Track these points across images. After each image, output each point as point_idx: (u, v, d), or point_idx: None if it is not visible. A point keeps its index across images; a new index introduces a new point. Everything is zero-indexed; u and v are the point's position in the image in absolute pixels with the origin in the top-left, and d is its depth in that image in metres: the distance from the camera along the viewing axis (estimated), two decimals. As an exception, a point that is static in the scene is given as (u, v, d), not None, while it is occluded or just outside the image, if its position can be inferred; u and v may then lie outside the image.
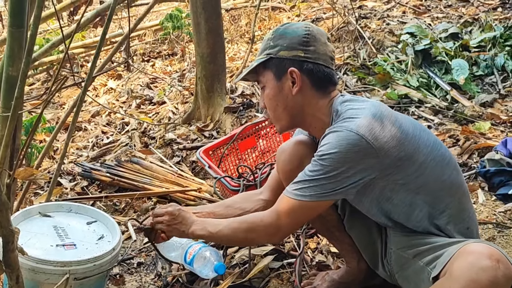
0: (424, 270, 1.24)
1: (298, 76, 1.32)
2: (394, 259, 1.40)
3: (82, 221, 1.65)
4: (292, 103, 1.35)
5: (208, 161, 2.12)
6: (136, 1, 4.75)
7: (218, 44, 3.05)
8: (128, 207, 2.35)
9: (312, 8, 4.60)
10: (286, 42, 1.34)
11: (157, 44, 5.17)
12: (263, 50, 1.38)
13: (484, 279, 1.04)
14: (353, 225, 1.51)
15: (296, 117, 1.38)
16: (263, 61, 1.36)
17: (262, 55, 1.37)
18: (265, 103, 1.41)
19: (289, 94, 1.34)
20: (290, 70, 1.32)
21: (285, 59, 1.33)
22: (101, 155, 3.08)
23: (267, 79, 1.37)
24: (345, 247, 1.57)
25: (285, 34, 1.35)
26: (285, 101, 1.36)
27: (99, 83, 4.55)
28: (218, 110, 3.04)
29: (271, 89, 1.37)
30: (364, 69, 3.26)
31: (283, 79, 1.34)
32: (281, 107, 1.37)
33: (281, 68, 1.34)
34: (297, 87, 1.33)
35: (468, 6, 4.05)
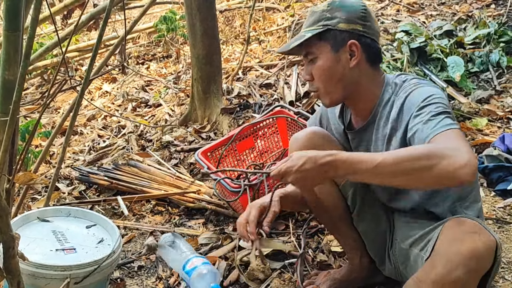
0: (419, 256, 1.28)
1: (359, 49, 1.32)
2: (399, 250, 1.42)
3: (81, 225, 1.64)
4: (348, 75, 1.34)
5: (206, 162, 2.11)
6: (129, 4, 4.74)
7: (213, 46, 3.05)
8: (127, 210, 2.34)
9: (306, 8, 4.60)
10: (345, 15, 1.32)
11: (151, 46, 5.16)
12: (317, 21, 1.34)
13: (465, 249, 1.07)
14: (363, 219, 1.50)
15: (348, 89, 1.36)
16: (318, 32, 1.33)
17: (317, 26, 1.34)
18: (314, 74, 1.35)
19: (346, 66, 1.33)
20: (351, 42, 1.32)
21: (344, 31, 1.32)
22: (98, 159, 3.07)
23: (322, 50, 1.33)
24: (349, 243, 1.57)
25: (343, 7, 1.33)
26: (341, 73, 1.34)
27: (94, 86, 4.53)
28: (215, 111, 3.03)
29: (326, 60, 1.33)
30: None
31: (341, 51, 1.33)
32: (336, 79, 1.34)
33: (340, 40, 1.32)
34: (356, 59, 1.33)
35: (462, 3, 4.06)
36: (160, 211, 2.33)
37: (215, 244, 1.97)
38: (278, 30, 4.46)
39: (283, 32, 4.38)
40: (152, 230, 2.14)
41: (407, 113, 1.26)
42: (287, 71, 3.44)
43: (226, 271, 1.78)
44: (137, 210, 2.33)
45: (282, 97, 3.08)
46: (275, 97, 3.18)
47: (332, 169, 1.13)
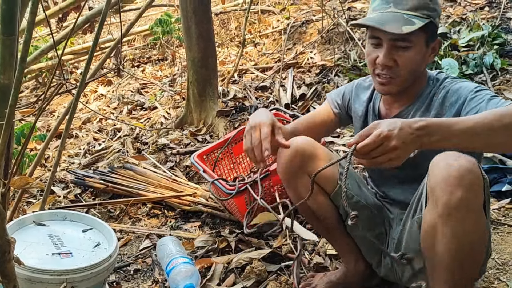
0: (414, 223, 1.28)
1: (440, 46, 1.33)
2: (393, 244, 1.42)
3: (78, 229, 1.64)
4: (423, 69, 1.35)
5: (202, 165, 2.11)
6: (125, 6, 4.74)
7: (209, 48, 3.05)
8: (123, 213, 2.34)
9: (301, 10, 4.62)
10: (439, 9, 1.30)
11: (147, 49, 5.16)
12: (420, 7, 1.27)
13: (453, 170, 1.07)
14: (356, 226, 1.43)
15: (414, 80, 1.35)
16: None
17: (421, 14, 1.26)
18: (401, 63, 1.29)
19: (427, 61, 1.33)
20: (438, 40, 1.32)
21: (436, 27, 1.31)
22: (93, 162, 3.06)
23: (419, 41, 1.28)
24: (343, 248, 1.57)
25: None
26: (421, 66, 1.33)
27: (90, 89, 4.52)
28: (211, 114, 3.03)
29: (419, 52, 1.29)
30: (355, 70, 3.28)
31: (430, 45, 1.31)
32: (418, 71, 1.33)
33: (433, 35, 1.31)
34: (434, 55, 1.34)
35: (456, 6, 4.09)
36: (156, 214, 2.33)
37: (211, 247, 1.97)
38: (273, 32, 4.48)
39: (278, 34, 4.39)
40: (148, 233, 2.14)
41: (456, 99, 1.27)
42: (282, 74, 3.45)
43: (222, 275, 1.78)
44: (133, 213, 2.33)
45: (277, 100, 3.09)
46: (270, 99, 3.19)
47: (427, 134, 1.05)
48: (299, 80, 3.36)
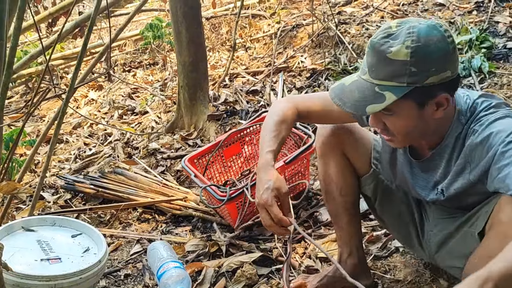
0: (467, 234, 1.26)
1: (449, 101, 1.14)
2: (434, 240, 1.43)
3: (67, 234, 1.63)
4: (432, 125, 1.19)
5: (193, 169, 2.11)
6: (115, 11, 4.74)
7: (199, 53, 3.06)
8: (113, 218, 2.33)
9: (292, 15, 4.64)
10: (434, 65, 1.09)
11: (137, 54, 5.15)
12: (398, 75, 1.09)
13: None
14: (385, 210, 1.54)
15: (425, 134, 1.23)
16: None
17: (398, 83, 1.10)
18: (390, 127, 1.18)
19: (431, 118, 1.16)
20: (442, 96, 1.12)
21: (434, 85, 1.10)
22: (84, 167, 3.05)
23: (404, 108, 1.13)
24: (343, 236, 1.57)
25: (430, 55, 1.08)
26: (424, 127, 1.18)
27: (80, 94, 4.50)
28: (202, 118, 3.03)
29: (408, 118, 1.15)
30: (345, 74, 3.29)
31: (427, 105, 1.14)
32: (417, 132, 1.20)
33: (427, 96, 1.12)
34: (443, 110, 1.15)
35: (444, 10, 4.13)
36: (147, 218, 2.32)
37: (202, 251, 1.97)
38: (264, 37, 4.49)
39: (269, 39, 4.40)
40: (138, 238, 2.14)
41: (487, 150, 1.11)
42: (273, 78, 3.46)
43: (213, 278, 1.78)
44: (124, 218, 2.32)
45: (268, 104, 3.10)
46: (261, 103, 3.19)
47: None
48: (290, 84, 3.37)
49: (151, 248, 1.87)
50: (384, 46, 1.10)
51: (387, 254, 1.79)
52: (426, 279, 1.63)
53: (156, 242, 1.94)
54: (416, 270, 1.68)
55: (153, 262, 1.79)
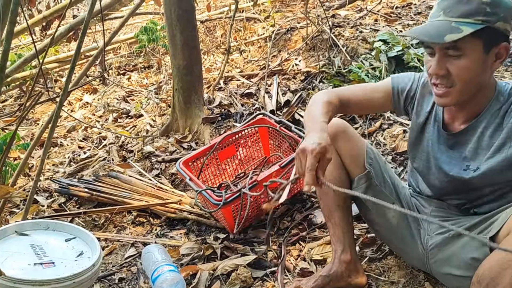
0: (474, 240, 1.32)
1: (507, 52, 1.23)
2: (432, 244, 1.48)
3: (60, 238, 1.62)
4: (486, 77, 1.26)
5: (188, 173, 2.11)
6: (110, 14, 4.73)
7: (194, 56, 3.06)
8: (108, 222, 2.32)
9: (286, 18, 4.65)
10: (504, 12, 1.20)
11: (132, 57, 5.15)
12: (474, 13, 1.19)
13: None
14: (377, 213, 1.59)
15: (477, 91, 1.28)
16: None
17: (474, 20, 1.18)
18: (454, 72, 1.23)
19: (489, 69, 1.25)
20: (504, 45, 1.22)
21: (500, 31, 1.21)
22: (78, 171, 3.03)
23: (473, 48, 1.20)
24: (337, 232, 1.61)
25: (501, 2, 1.20)
26: (483, 76, 1.25)
27: (75, 97, 4.49)
28: (196, 121, 3.03)
29: (475, 61, 1.21)
30: (339, 77, 3.31)
31: (491, 52, 1.22)
32: (477, 81, 1.25)
33: (494, 41, 1.22)
34: (500, 62, 1.24)
35: (437, 13, 4.16)
36: (142, 222, 2.32)
37: (197, 254, 1.96)
38: (259, 40, 4.50)
39: (263, 42, 4.41)
40: (133, 241, 2.13)
41: None
42: (268, 81, 3.46)
43: (208, 282, 1.78)
44: (118, 221, 2.31)
45: (263, 107, 3.10)
46: (256, 106, 3.20)
47: None
48: (285, 86, 3.38)
49: (145, 252, 1.88)
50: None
51: (381, 256, 1.79)
52: (420, 281, 1.64)
53: (151, 245, 1.94)
54: (410, 271, 1.69)
55: (147, 265, 1.79)
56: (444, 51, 1.23)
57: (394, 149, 2.49)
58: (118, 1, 3.18)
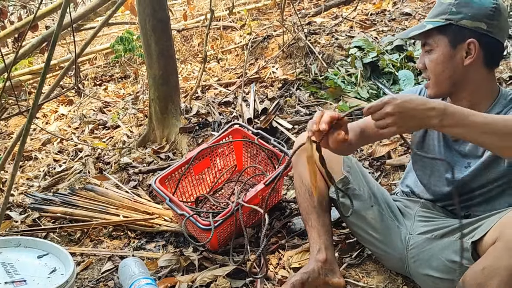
0: (455, 243, 1.35)
1: (477, 49, 1.32)
2: (414, 244, 1.50)
3: (32, 255, 1.58)
4: (459, 73, 1.35)
5: (167, 192, 2.03)
6: (85, 25, 4.68)
7: (170, 66, 3.04)
8: (84, 236, 2.27)
9: (263, 26, 4.68)
10: (472, 11, 1.31)
11: (109, 67, 5.09)
12: (441, 13, 1.35)
13: None
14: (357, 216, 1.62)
15: (457, 87, 1.37)
16: (439, 26, 1.33)
17: (439, 19, 1.34)
18: (427, 65, 1.38)
19: (460, 64, 1.34)
20: (470, 41, 1.31)
21: (466, 28, 1.31)
22: (53, 184, 2.97)
23: (439, 44, 1.35)
24: (313, 234, 1.64)
25: (471, 2, 1.31)
26: (453, 70, 1.35)
27: (49, 109, 4.41)
28: (173, 131, 3.01)
29: (441, 55, 1.35)
30: (316, 84, 3.33)
31: (458, 47, 1.33)
32: (447, 74, 1.36)
33: (460, 37, 1.32)
34: (471, 59, 1.33)
35: (411, 19, 4.24)
36: (119, 235, 2.27)
37: (175, 266, 1.94)
38: (236, 48, 4.51)
39: (241, 50, 4.43)
40: (110, 255, 2.09)
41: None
42: (245, 89, 3.47)
43: (186, 294, 1.75)
44: (95, 235, 2.27)
45: (241, 115, 3.10)
46: (234, 114, 3.19)
47: (439, 116, 1.12)
48: (262, 94, 3.39)
49: (122, 265, 1.84)
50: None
51: (360, 262, 1.80)
52: (398, 285, 1.65)
53: (128, 258, 1.90)
54: (389, 276, 1.70)
55: (124, 279, 1.76)
56: (423, 48, 1.40)
57: (371, 154, 2.51)
58: (90, 12, 3.14)
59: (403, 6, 4.59)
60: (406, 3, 4.67)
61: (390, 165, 2.39)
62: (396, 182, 2.28)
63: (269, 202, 2.17)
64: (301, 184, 1.69)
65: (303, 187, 1.68)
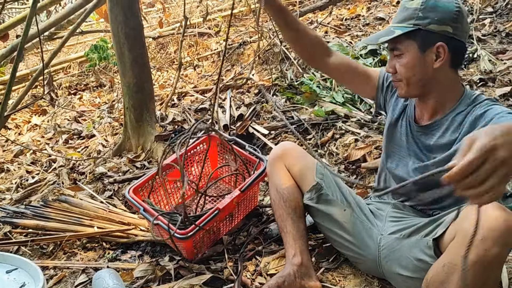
0: (421, 242, 1.36)
1: (445, 52, 1.35)
2: (385, 244, 1.52)
3: (1, 270, 1.53)
4: (429, 76, 1.39)
5: (141, 202, 1.99)
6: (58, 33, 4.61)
7: (144, 74, 3.01)
8: (57, 249, 2.22)
9: (239, 32, 4.68)
10: (438, 15, 1.34)
11: (83, 76, 5.03)
12: (408, 18, 1.37)
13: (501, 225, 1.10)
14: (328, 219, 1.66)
15: (427, 88, 1.42)
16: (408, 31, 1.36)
17: (407, 24, 1.37)
18: (397, 69, 1.42)
19: (430, 67, 1.38)
20: (439, 45, 1.35)
21: (433, 32, 1.34)
22: (26, 197, 2.90)
23: (409, 49, 1.38)
24: (288, 239, 1.67)
25: (436, 7, 1.34)
26: (423, 73, 1.39)
27: (22, 120, 4.32)
28: (149, 139, 2.98)
29: (411, 59, 1.38)
30: (291, 89, 3.34)
31: (427, 51, 1.36)
32: (418, 78, 1.39)
33: (428, 41, 1.35)
34: (440, 62, 1.36)
35: (384, 24, 4.30)
36: (93, 246, 2.23)
37: (151, 276, 1.90)
38: (212, 55, 4.50)
39: (217, 56, 4.42)
40: (84, 267, 2.04)
41: (486, 121, 1.31)
42: (221, 95, 3.46)
43: (162, 304, 1.73)
44: (68, 247, 2.22)
45: (217, 121, 3.09)
46: (210, 121, 3.18)
47: None
48: (239, 100, 3.39)
49: (96, 278, 1.80)
50: (407, 1, 1.40)
51: (336, 266, 1.80)
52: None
53: (102, 270, 1.86)
54: (365, 279, 1.70)
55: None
56: (392, 52, 1.43)
57: (346, 158, 2.53)
58: (61, 20, 3.09)
59: (377, 11, 4.66)
60: (379, 8, 4.75)
61: (366, 168, 2.41)
62: (372, 185, 2.30)
63: (246, 208, 2.16)
64: (276, 192, 1.72)
65: (277, 195, 1.71)
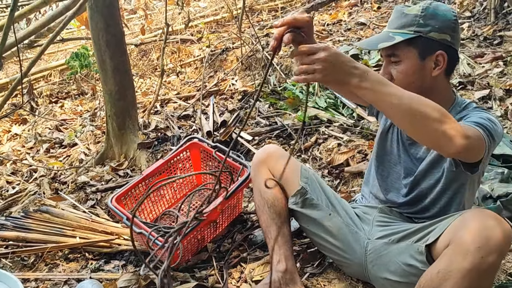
0: (411, 247, 1.37)
1: (445, 60, 1.35)
2: (372, 248, 1.52)
3: (-21, 285, 1.50)
4: (427, 83, 1.38)
5: (123, 211, 1.97)
6: (39, 41, 4.55)
7: (126, 81, 2.99)
8: (38, 260, 2.18)
9: (221, 39, 4.69)
10: (438, 23, 1.34)
11: (64, 84, 4.97)
12: (408, 25, 1.36)
13: (498, 234, 1.12)
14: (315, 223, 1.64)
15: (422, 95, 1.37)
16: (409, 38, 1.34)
17: (407, 30, 1.35)
18: (395, 76, 1.39)
19: (428, 75, 1.37)
20: (439, 53, 1.35)
21: (434, 40, 1.34)
22: (6, 208, 2.85)
23: (408, 56, 1.36)
24: (273, 245, 1.64)
25: (436, 15, 1.34)
26: (421, 80, 1.37)
27: (2, 129, 4.24)
28: (132, 147, 2.95)
29: (410, 67, 1.36)
30: (274, 95, 3.35)
31: (427, 59, 1.35)
32: (416, 85, 1.36)
33: (429, 49, 1.35)
34: (439, 70, 1.36)
35: (366, 29, 4.35)
36: (76, 257, 2.19)
37: (135, 286, 1.88)
38: (195, 61, 4.49)
39: (200, 63, 4.42)
40: (66, 279, 2.01)
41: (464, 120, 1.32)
42: (204, 101, 3.45)
43: (146, 314, 1.70)
44: (50, 259, 2.18)
45: (200, 128, 3.08)
46: (194, 128, 3.17)
47: (360, 76, 1.11)
48: (222, 106, 3.38)
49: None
50: (404, 7, 1.39)
51: (321, 271, 1.80)
52: (359, 292, 1.66)
53: (84, 281, 1.83)
54: (350, 283, 1.71)
55: None
56: (388, 58, 1.40)
57: (330, 162, 2.54)
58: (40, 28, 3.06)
59: (358, 16, 4.71)
60: (361, 13, 4.80)
61: (349, 172, 2.42)
62: (355, 189, 2.31)
63: (230, 215, 2.15)
64: (260, 198, 1.70)
65: (262, 200, 1.70)
